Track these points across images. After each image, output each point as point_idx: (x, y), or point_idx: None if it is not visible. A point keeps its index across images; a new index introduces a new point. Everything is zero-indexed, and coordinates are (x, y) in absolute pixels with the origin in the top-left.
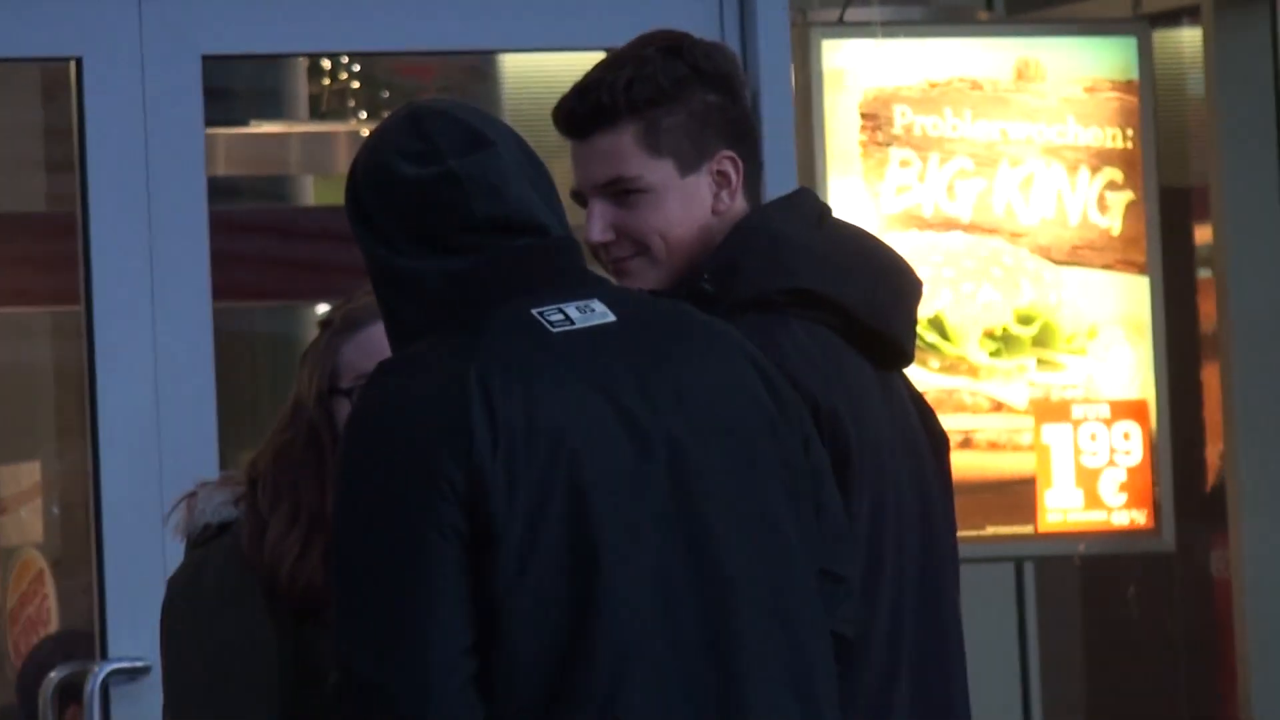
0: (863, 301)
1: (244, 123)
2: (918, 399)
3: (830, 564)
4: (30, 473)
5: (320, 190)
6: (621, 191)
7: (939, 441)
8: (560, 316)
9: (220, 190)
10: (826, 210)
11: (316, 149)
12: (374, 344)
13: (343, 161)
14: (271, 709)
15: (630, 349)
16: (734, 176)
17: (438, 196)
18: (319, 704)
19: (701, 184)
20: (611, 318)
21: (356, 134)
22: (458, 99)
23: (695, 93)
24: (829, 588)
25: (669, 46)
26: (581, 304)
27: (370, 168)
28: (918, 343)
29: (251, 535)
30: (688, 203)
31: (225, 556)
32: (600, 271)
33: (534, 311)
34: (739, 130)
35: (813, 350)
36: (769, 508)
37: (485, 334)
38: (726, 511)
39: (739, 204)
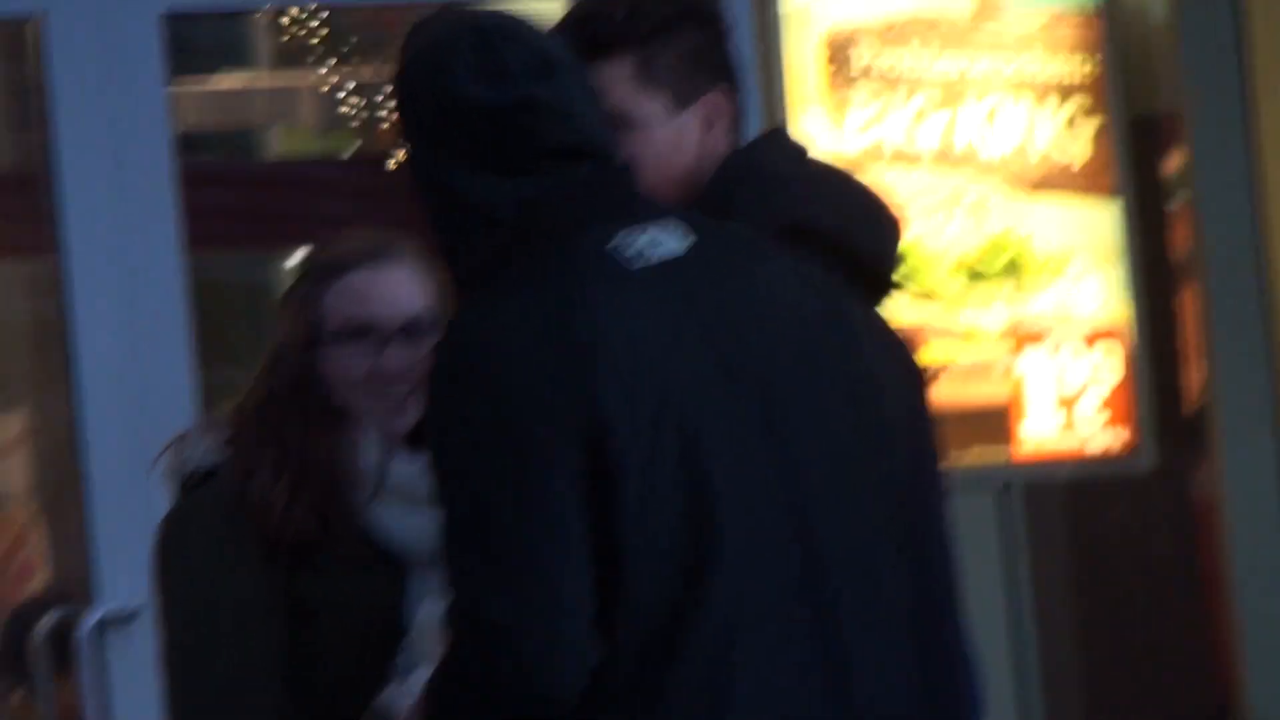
0: (852, 235)
1: (209, 76)
2: (897, 331)
3: (885, 480)
4: (12, 424)
5: (286, 141)
6: (615, 124)
7: (918, 374)
8: (635, 251)
9: (189, 145)
10: (805, 150)
11: (280, 102)
12: (356, 290)
13: (308, 113)
14: (267, 651)
15: (705, 281)
16: (724, 114)
17: (511, 121)
18: (313, 645)
19: (691, 122)
20: (683, 249)
21: (318, 88)
22: (511, 11)
23: (689, 29)
24: (888, 505)
25: None
26: (650, 236)
27: (437, 90)
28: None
29: (239, 481)
30: (679, 138)
31: (215, 501)
32: None
33: (609, 245)
34: (727, 69)
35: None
36: (840, 432)
37: (574, 270)
38: (811, 444)
39: (728, 142)
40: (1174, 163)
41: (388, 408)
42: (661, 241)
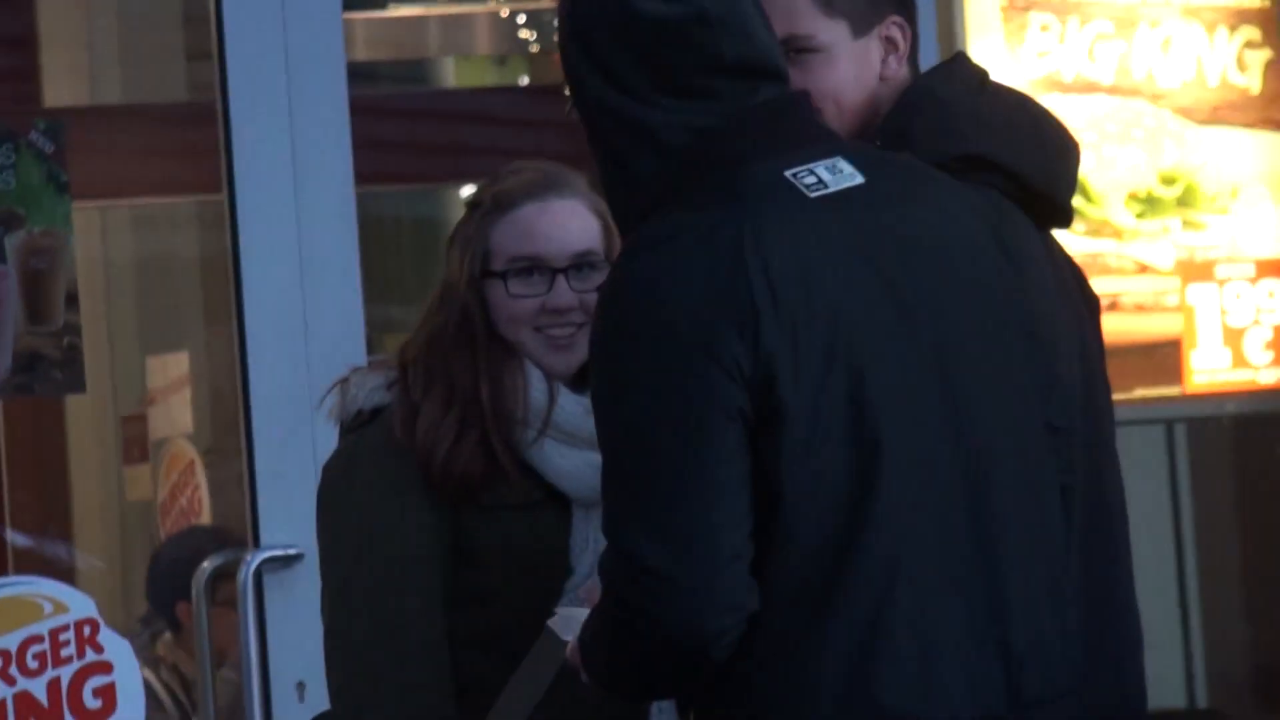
0: (1030, 164)
1: (382, 5)
2: (1071, 262)
3: (1053, 417)
4: (178, 363)
5: (460, 72)
6: (795, 50)
7: (1092, 304)
8: (813, 179)
9: (359, 75)
10: (985, 75)
11: (455, 30)
12: (524, 225)
13: (482, 43)
14: (433, 592)
15: (883, 211)
16: (901, 42)
17: (687, 37)
18: (479, 585)
19: (872, 48)
20: (860, 179)
21: (496, 15)
22: None
23: None
24: (1053, 440)
25: None
26: (829, 163)
27: (609, 5)
28: None
29: (405, 421)
30: (859, 66)
31: (380, 441)
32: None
33: (787, 173)
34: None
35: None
36: (1010, 368)
37: (748, 199)
38: (982, 381)
39: (904, 71)
40: None
41: (555, 344)
42: (841, 170)
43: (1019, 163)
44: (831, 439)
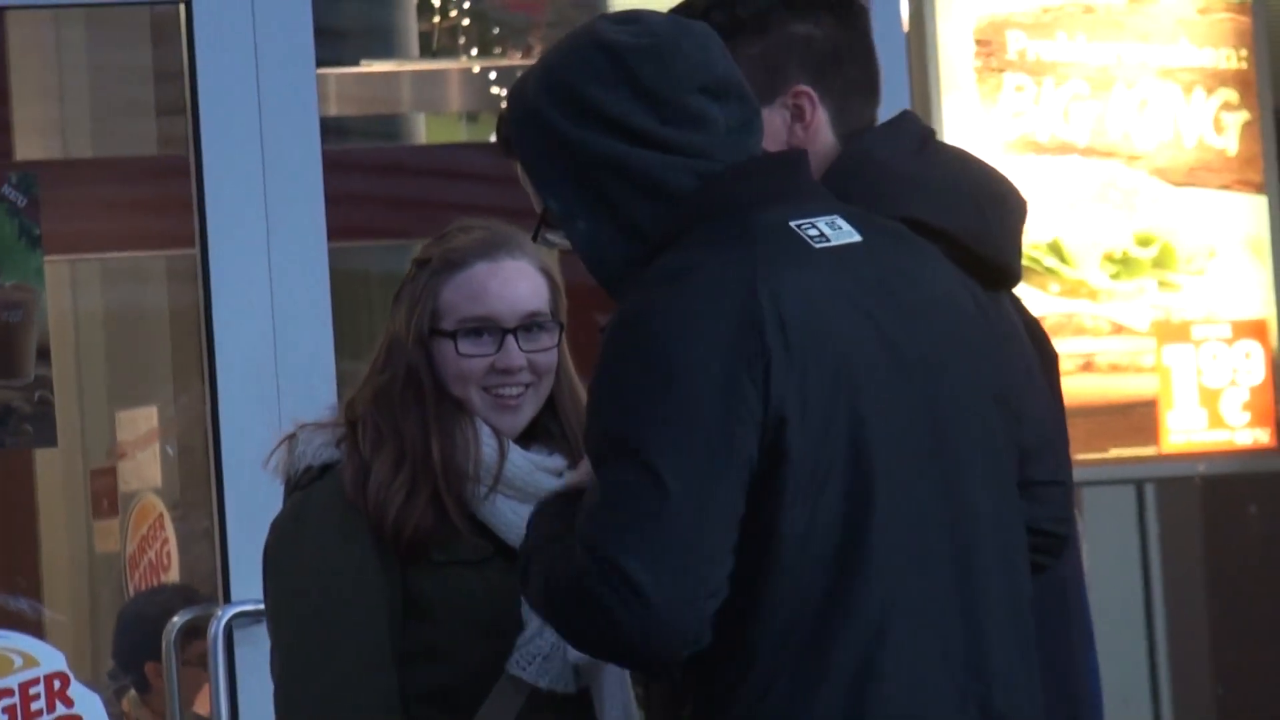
0: (969, 227)
1: (355, 62)
2: (1028, 319)
3: (1035, 475)
4: (148, 417)
5: (432, 128)
6: None
7: (1050, 360)
8: (816, 231)
9: (332, 130)
10: (930, 134)
11: (428, 87)
12: (475, 285)
13: (454, 99)
14: (385, 648)
15: (880, 269)
16: (809, 110)
17: (663, 61)
18: (431, 641)
19: (774, 117)
20: (858, 236)
21: (468, 71)
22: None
23: (778, 23)
24: (1039, 492)
25: None
26: (829, 219)
27: (585, 56)
28: (1037, 267)
29: (355, 479)
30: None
31: (330, 498)
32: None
33: (792, 224)
34: (824, 63)
35: None
36: (990, 428)
37: (759, 241)
38: (969, 439)
39: (823, 137)
40: None
41: (503, 404)
42: (840, 226)
43: (956, 226)
44: (831, 484)
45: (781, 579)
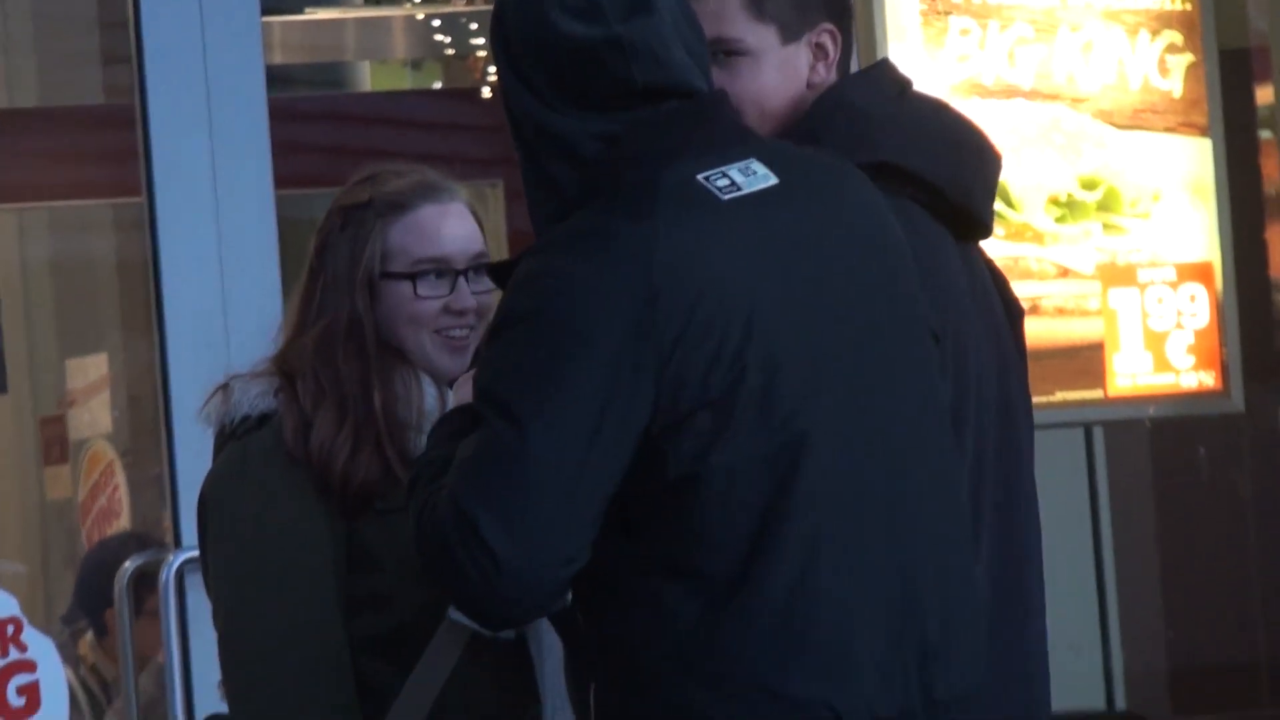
0: (945, 175)
1: (299, 10)
2: (993, 269)
3: (961, 413)
4: (98, 365)
5: (376, 76)
6: (721, 53)
7: (1014, 310)
8: (726, 181)
9: (276, 78)
10: (907, 83)
11: (372, 35)
12: (428, 227)
13: (399, 46)
14: (331, 597)
15: (797, 212)
16: (831, 50)
17: (599, 59)
18: (374, 592)
19: (800, 54)
20: (774, 180)
21: (412, 19)
22: None
23: None
24: (960, 440)
25: None
26: (743, 165)
27: (529, 19)
28: None
29: (295, 432)
30: (786, 72)
31: (270, 447)
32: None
33: (699, 177)
34: (840, 3)
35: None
36: (919, 364)
37: (658, 203)
38: (894, 375)
39: (832, 78)
40: (1263, 95)
41: (452, 345)
42: (754, 171)
43: (933, 173)
44: (743, 439)
45: (703, 529)
